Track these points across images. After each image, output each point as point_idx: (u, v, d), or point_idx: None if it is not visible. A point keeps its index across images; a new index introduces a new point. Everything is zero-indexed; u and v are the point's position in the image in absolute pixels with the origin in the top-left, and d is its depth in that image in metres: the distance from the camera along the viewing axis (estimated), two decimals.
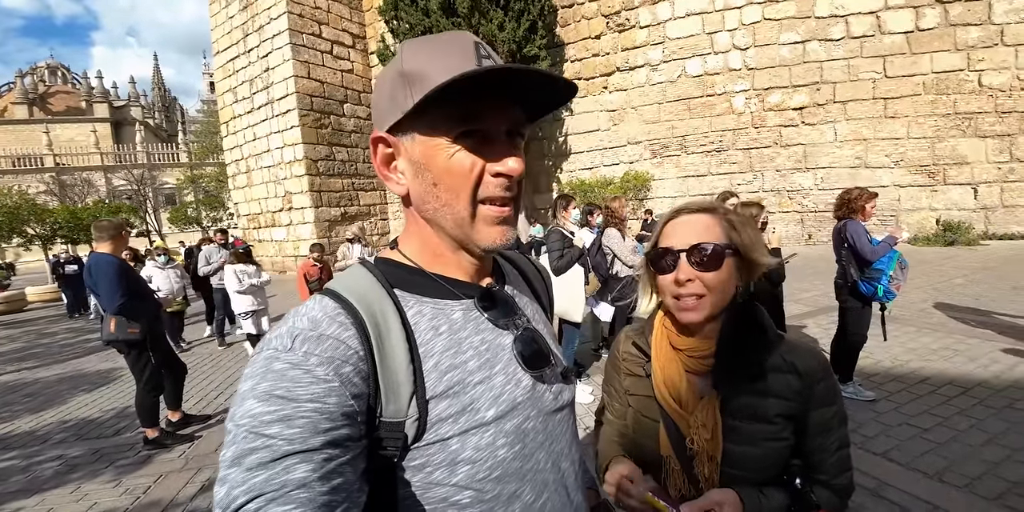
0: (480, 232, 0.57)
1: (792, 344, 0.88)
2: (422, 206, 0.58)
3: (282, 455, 0.42)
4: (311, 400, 0.45)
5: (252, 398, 0.45)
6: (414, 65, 0.53)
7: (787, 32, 10.18)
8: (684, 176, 11.51)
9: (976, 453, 2.47)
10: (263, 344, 0.50)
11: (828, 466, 0.84)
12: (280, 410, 0.44)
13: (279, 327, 0.52)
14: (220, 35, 15.90)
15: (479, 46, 0.54)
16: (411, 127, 0.55)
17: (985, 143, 9.21)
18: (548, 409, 0.63)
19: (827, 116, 10.08)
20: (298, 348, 0.48)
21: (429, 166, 0.55)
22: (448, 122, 0.53)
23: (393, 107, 0.55)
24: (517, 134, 0.57)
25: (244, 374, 0.48)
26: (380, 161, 0.59)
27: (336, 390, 0.47)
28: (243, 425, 0.44)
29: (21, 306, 12.98)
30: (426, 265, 0.61)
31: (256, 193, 15.79)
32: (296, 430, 0.43)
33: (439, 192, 0.56)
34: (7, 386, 5.47)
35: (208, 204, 32.56)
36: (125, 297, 3.28)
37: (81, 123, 43.76)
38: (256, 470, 0.41)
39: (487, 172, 0.55)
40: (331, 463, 0.44)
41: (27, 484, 3.04)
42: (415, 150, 0.56)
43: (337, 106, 14.88)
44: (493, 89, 0.52)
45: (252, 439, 0.43)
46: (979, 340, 4.09)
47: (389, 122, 0.56)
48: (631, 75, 11.82)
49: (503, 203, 0.57)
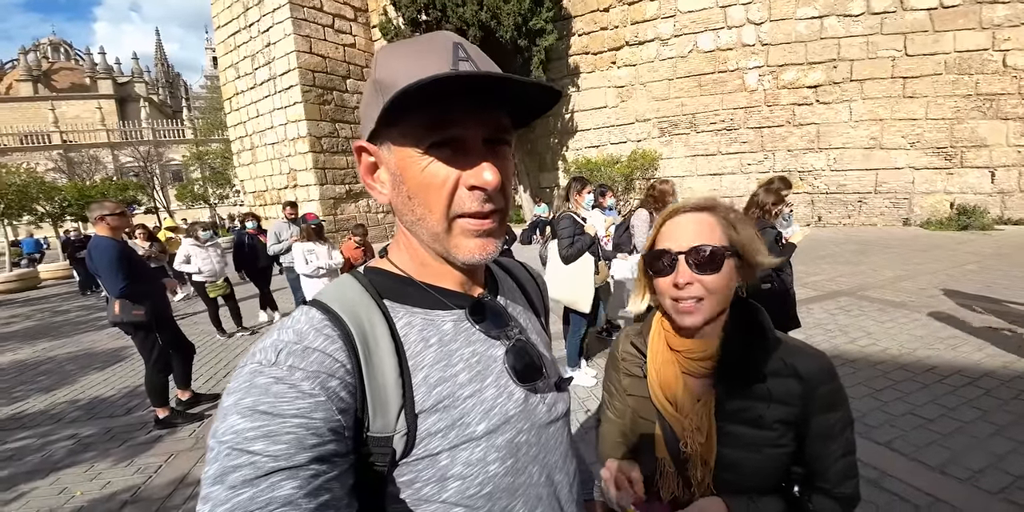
0: (458, 246, 0.54)
1: (793, 346, 0.85)
2: (402, 216, 0.57)
3: (267, 472, 0.41)
4: (296, 415, 0.44)
5: (235, 414, 0.44)
6: (385, 73, 0.50)
7: (804, 7, 9.78)
8: (693, 155, 11.30)
9: (981, 445, 2.46)
10: (248, 358, 0.49)
11: (831, 474, 0.82)
12: (264, 426, 0.43)
13: (264, 339, 0.51)
14: (220, 9, 15.55)
15: (458, 47, 0.50)
16: (386, 137, 0.53)
17: (1007, 125, 8.91)
18: (542, 422, 0.62)
19: (843, 95, 9.77)
20: (283, 362, 0.47)
21: (404, 178, 0.53)
22: (418, 131, 0.50)
23: (368, 116, 0.52)
24: (501, 141, 0.53)
25: (227, 389, 0.47)
26: (364, 170, 0.57)
27: (322, 405, 0.45)
28: (226, 441, 0.42)
29: (35, 284, 13.19)
30: (416, 274, 0.60)
31: (261, 170, 15.74)
32: (281, 446, 0.42)
33: (414, 206, 0.54)
34: (22, 364, 5.59)
35: (215, 181, 32.60)
36: (127, 280, 3.25)
37: (86, 99, 43.65)
38: (240, 488, 0.40)
39: (462, 184, 0.51)
40: (318, 480, 0.43)
41: (41, 463, 3.12)
42: (391, 159, 0.54)
43: (340, 81, 14.63)
44: (469, 95, 0.48)
45: (236, 456, 0.42)
46: (989, 329, 4.03)
47: (367, 131, 0.54)
48: (640, 50, 11.48)
49: (484, 216, 0.53)
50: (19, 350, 6.27)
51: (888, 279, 5.92)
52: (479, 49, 0.53)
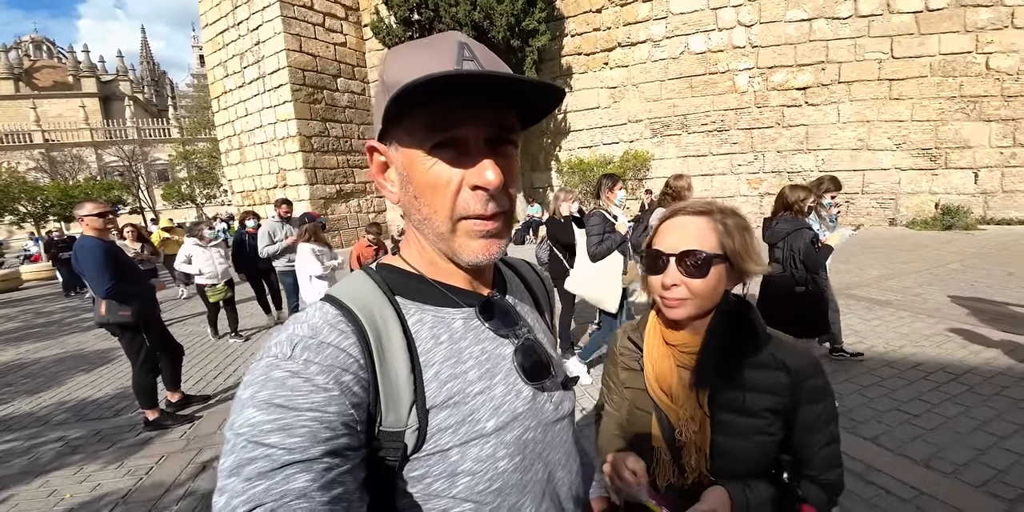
0: (462, 246, 0.55)
1: (782, 343, 0.90)
2: (410, 216, 0.58)
3: (282, 465, 0.42)
4: (311, 409, 0.44)
5: (251, 407, 0.44)
6: (391, 73, 0.51)
7: (793, 9, 9.90)
8: (684, 156, 11.39)
9: (964, 440, 2.52)
10: (263, 351, 0.50)
11: (816, 462, 0.87)
12: (280, 419, 0.43)
13: (279, 334, 0.51)
14: (209, 7, 15.35)
15: (464, 47, 0.50)
16: (393, 137, 0.54)
17: (989, 127, 9.11)
18: (548, 420, 0.63)
19: (831, 96, 9.91)
20: (298, 356, 0.48)
21: (411, 178, 0.54)
22: (422, 132, 0.51)
23: (377, 116, 0.54)
24: (505, 141, 0.53)
25: (243, 381, 0.48)
26: (375, 169, 0.59)
27: (336, 399, 0.46)
28: (242, 434, 0.43)
29: (16, 285, 12.95)
30: (427, 272, 0.61)
31: (250, 170, 15.56)
32: (296, 439, 0.43)
33: (420, 206, 0.55)
34: (6, 366, 5.50)
35: (202, 180, 32.19)
36: (113, 280, 3.19)
37: (69, 98, 42.73)
38: (256, 480, 0.41)
39: (465, 184, 0.52)
40: (331, 473, 0.44)
41: (29, 466, 3.08)
42: (399, 159, 0.55)
43: (330, 80, 14.53)
44: (472, 94, 0.48)
45: (251, 448, 0.42)
46: (971, 326, 4.12)
47: (376, 131, 0.55)
48: (632, 51, 11.54)
49: (487, 218, 0.53)
50: (2, 352, 6.16)
51: (874, 278, 6.03)
52: (487, 49, 0.54)
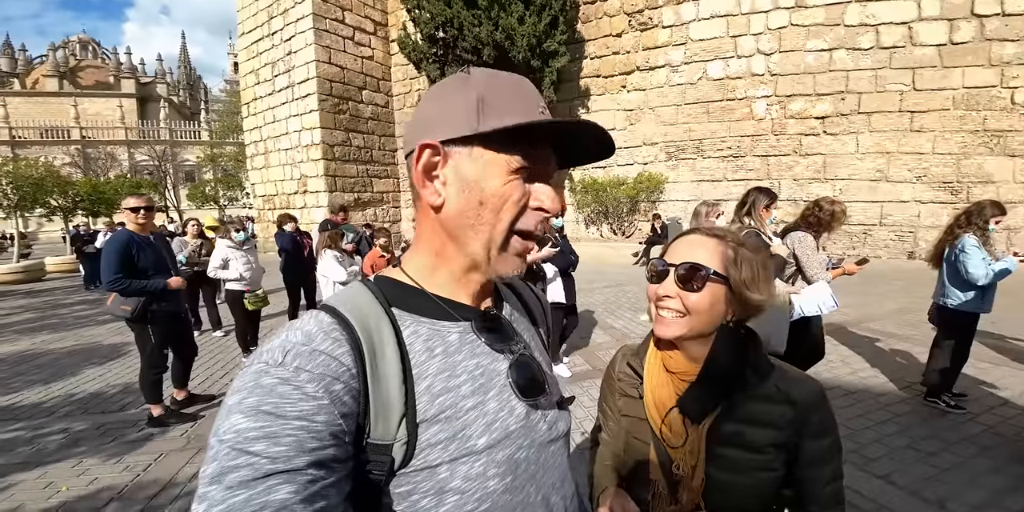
0: (504, 259, 0.58)
1: (786, 373, 0.86)
2: (457, 220, 0.57)
3: (265, 474, 0.41)
4: (299, 417, 0.44)
5: (238, 413, 0.44)
6: (490, 92, 0.55)
7: (814, 39, 9.93)
8: (699, 180, 11.36)
9: (981, 481, 2.42)
10: (254, 357, 0.49)
11: (819, 498, 0.83)
12: (266, 426, 0.43)
13: (272, 340, 0.51)
14: (246, 17, 15.96)
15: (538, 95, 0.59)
16: (475, 145, 0.55)
17: (1014, 162, 8.94)
18: (542, 440, 0.62)
19: (850, 127, 9.85)
20: (289, 363, 0.47)
21: (483, 185, 0.55)
22: (513, 152, 0.55)
23: (455, 121, 0.55)
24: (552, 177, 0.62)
25: (232, 387, 0.47)
26: (423, 167, 0.57)
27: (325, 408, 0.46)
28: (227, 441, 0.43)
29: (40, 276, 13.24)
30: (427, 284, 0.60)
31: (272, 175, 15.91)
32: (281, 448, 0.42)
33: (483, 211, 0.56)
34: (20, 355, 5.58)
35: (226, 183, 32.97)
36: (118, 273, 3.21)
37: (108, 98, 44.52)
38: (237, 489, 0.40)
39: (530, 205, 0.58)
40: (315, 485, 0.43)
41: (31, 456, 3.10)
42: (470, 167, 0.55)
43: (356, 92, 14.90)
44: (553, 135, 0.58)
45: (235, 456, 0.42)
46: (992, 365, 4.00)
47: (447, 134, 0.55)
48: (650, 75, 11.65)
49: (532, 238, 0.59)
50: (18, 341, 6.26)
51: (892, 311, 5.89)
52: None
